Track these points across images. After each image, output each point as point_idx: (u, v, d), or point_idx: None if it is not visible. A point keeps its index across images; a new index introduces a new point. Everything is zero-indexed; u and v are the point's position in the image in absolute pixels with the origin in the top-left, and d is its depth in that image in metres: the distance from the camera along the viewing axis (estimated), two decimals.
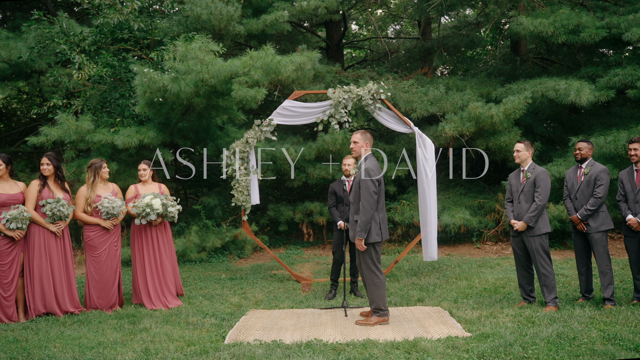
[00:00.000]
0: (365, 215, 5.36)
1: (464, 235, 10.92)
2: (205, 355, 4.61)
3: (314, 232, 11.43)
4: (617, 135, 9.17)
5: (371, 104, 7.44)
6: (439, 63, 13.48)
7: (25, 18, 11.02)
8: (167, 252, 6.79)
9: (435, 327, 5.29)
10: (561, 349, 4.49)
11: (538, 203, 5.82)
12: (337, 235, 6.98)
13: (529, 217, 5.85)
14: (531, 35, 10.21)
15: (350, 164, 6.89)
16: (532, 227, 5.87)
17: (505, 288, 7.01)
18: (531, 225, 5.86)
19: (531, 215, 5.84)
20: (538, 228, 5.87)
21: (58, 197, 6.08)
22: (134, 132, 8.88)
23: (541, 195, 5.84)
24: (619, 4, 10.67)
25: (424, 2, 12.04)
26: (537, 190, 5.87)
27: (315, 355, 4.49)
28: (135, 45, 10.03)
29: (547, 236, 5.92)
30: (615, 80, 9.44)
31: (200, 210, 10.12)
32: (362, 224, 5.36)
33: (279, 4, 11.03)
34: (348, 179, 6.94)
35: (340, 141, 10.12)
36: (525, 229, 5.92)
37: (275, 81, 8.92)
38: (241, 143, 7.60)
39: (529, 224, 5.86)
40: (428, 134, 9.44)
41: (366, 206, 5.37)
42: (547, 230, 5.90)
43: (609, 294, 5.85)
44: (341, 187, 7.00)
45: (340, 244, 6.88)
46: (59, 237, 6.14)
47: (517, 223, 5.98)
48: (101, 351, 4.76)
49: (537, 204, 5.82)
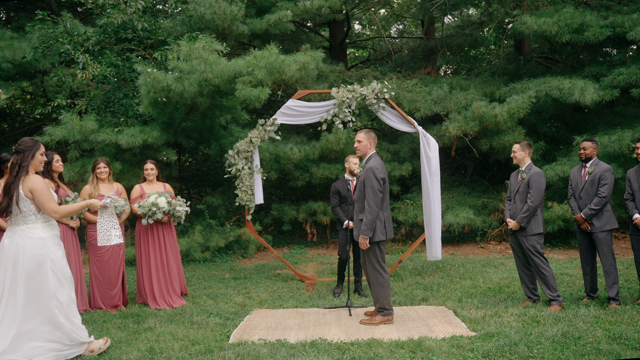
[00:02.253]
0: (371, 214, 5.36)
1: (467, 235, 10.91)
2: (209, 354, 4.61)
3: (318, 232, 11.42)
4: (621, 134, 9.15)
5: (375, 103, 7.44)
6: (443, 62, 13.46)
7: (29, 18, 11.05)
8: (172, 251, 6.79)
9: (440, 327, 5.29)
10: (566, 348, 4.48)
11: (530, 204, 5.82)
12: (342, 234, 6.97)
13: (521, 217, 5.86)
14: (535, 35, 10.19)
15: (356, 162, 6.89)
16: (525, 227, 5.89)
17: (510, 287, 7.00)
18: (523, 225, 5.88)
19: (523, 216, 5.85)
20: (530, 229, 5.88)
21: (75, 194, 6.13)
22: (138, 132, 8.89)
23: (533, 197, 5.83)
24: (623, 3, 10.64)
25: (427, 1, 12.03)
26: (530, 191, 5.88)
27: (320, 354, 4.49)
28: (139, 45, 10.05)
29: (541, 237, 5.92)
30: (619, 79, 9.42)
31: (204, 210, 10.13)
32: (368, 223, 5.36)
33: (283, 4, 11.03)
34: (352, 177, 6.94)
35: (344, 141, 10.12)
36: (517, 228, 5.94)
37: (279, 81, 8.92)
38: (245, 142, 7.61)
39: (520, 224, 5.88)
40: (432, 133, 9.43)
41: (372, 204, 5.36)
42: (540, 232, 5.89)
43: (613, 294, 5.84)
44: (345, 186, 6.98)
45: (345, 244, 6.88)
46: (75, 234, 6.21)
47: (510, 222, 6.02)
48: (105, 350, 4.77)
49: (529, 205, 5.82)
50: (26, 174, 4.37)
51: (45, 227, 4.44)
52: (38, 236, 4.36)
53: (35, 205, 4.36)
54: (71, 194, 6.14)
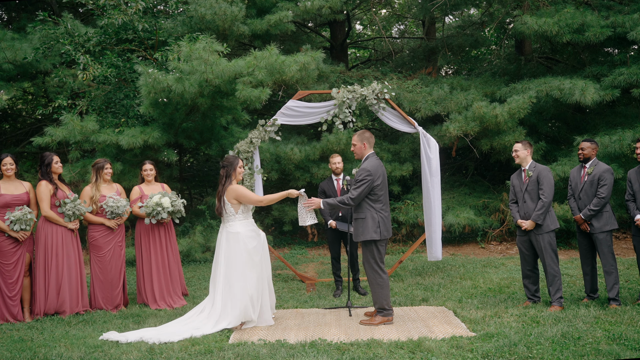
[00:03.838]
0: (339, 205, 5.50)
1: (468, 235, 10.90)
2: (209, 354, 4.62)
3: (318, 232, 11.43)
4: (622, 134, 9.13)
5: (375, 103, 7.44)
6: (443, 63, 13.44)
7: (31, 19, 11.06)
8: (172, 251, 6.81)
9: (440, 327, 5.29)
10: (566, 349, 4.48)
11: (544, 200, 5.81)
12: (330, 233, 7.15)
13: (537, 215, 5.83)
14: (535, 35, 10.18)
15: (338, 161, 7.10)
16: (541, 224, 5.86)
17: (510, 288, 6.99)
18: (539, 223, 5.84)
19: (539, 213, 5.82)
20: (547, 225, 5.85)
21: (75, 196, 6.13)
22: (139, 133, 8.90)
23: (546, 192, 5.82)
24: (624, 3, 10.63)
25: (428, 1, 12.02)
26: (542, 187, 5.86)
27: (320, 355, 4.49)
28: (140, 46, 10.06)
29: (554, 234, 5.91)
30: (620, 79, 9.40)
31: (204, 210, 10.13)
32: (331, 206, 5.54)
33: (283, 4, 11.03)
34: (337, 177, 7.10)
35: (345, 141, 10.13)
36: (533, 227, 5.90)
37: (279, 81, 8.93)
38: (245, 143, 7.61)
39: (537, 222, 5.84)
40: (432, 133, 9.42)
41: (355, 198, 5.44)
42: (556, 227, 5.89)
43: (614, 294, 5.83)
44: (331, 186, 7.09)
45: (334, 241, 7.14)
46: (76, 235, 6.21)
47: (524, 222, 5.95)
48: (106, 350, 4.78)
49: (544, 201, 5.81)
50: (230, 184, 5.58)
51: (242, 224, 5.60)
52: (235, 230, 5.56)
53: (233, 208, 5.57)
54: (71, 195, 6.15)
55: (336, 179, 7.11)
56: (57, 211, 6.08)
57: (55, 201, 6.07)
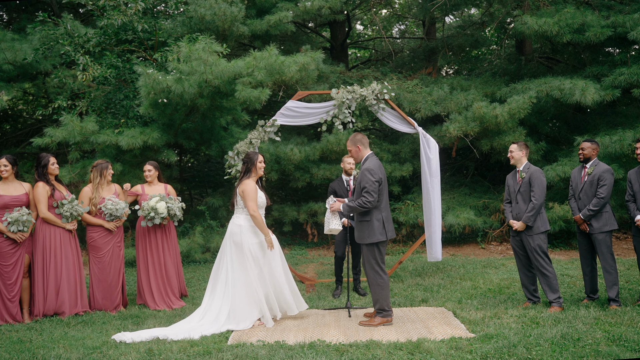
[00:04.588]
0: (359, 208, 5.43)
1: (468, 236, 10.89)
2: (208, 356, 4.61)
3: (319, 233, 11.41)
4: (622, 134, 9.12)
5: (375, 104, 7.43)
6: (444, 63, 13.43)
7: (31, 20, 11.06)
8: (171, 253, 6.80)
9: (439, 328, 5.28)
10: (565, 350, 4.47)
11: (534, 202, 5.83)
12: (340, 232, 7.01)
13: (527, 216, 5.85)
14: (536, 35, 10.16)
15: (351, 161, 7.02)
16: (531, 226, 5.87)
17: (510, 289, 6.98)
18: (530, 224, 5.87)
19: (529, 215, 5.84)
20: (537, 227, 5.87)
21: (72, 197, 6.13)
22: (138, 133, 8.90)
23: (537, 195, 5.84)
24: (625, 3, 10.61)
25: (429, 1, 12.00)
26: (533, 189, 5.88)
27: (318, 356, 4.48)
28: (140, 47, 10.06)
29: (545, 235, 5.92)
30: (620, 79, 9.39)
31: (204, 211, 10.12)
32: (352, 209, 5.49)
33: (283, 5, 11.02)
34: (349, 177, 7.02)
35: (344, 142, 10.11)
36: (524, 228, 5.93)
37: (279, 82, 8.92)
38: (245, 144, 7.61)
39: (527, 223, 5.87)
40: (432, 134, 9.41)
41: (365, 204, 5.40)
42: (546, 229, 5.90)
43: (613, 295, 5.82)
44: (342, 186, 7.04)
45: (342, 241, 6.97)
46: (74, 236, 6.21)
47: (515, 223, 6.00)
48: (105, 352, 4.78)
49: (534, 203, 5.83)
50: (248, 178, 5.79)
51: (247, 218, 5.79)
52: (238, 223, 5.78)
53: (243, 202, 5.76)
54: (68, 196, 6.15)
55: (347, 178, 7.08)
56: (54, 212, 6.08)
57: (53, 202, 6.07)
